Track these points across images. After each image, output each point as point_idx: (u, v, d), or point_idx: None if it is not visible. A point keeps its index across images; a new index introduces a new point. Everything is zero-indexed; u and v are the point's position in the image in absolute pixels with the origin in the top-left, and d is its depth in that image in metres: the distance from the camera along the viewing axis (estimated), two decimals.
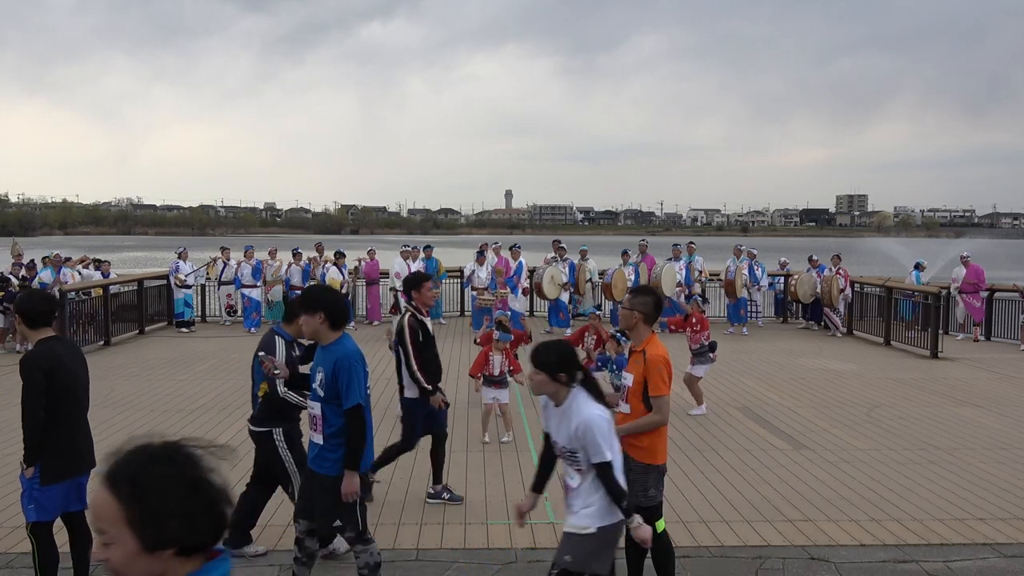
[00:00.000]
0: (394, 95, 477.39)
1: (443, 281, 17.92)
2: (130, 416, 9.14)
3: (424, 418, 6.36)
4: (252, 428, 5.38)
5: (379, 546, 5.49)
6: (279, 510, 5.96)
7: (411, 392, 6.27)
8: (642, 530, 3.70)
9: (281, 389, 5.12)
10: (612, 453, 3.67)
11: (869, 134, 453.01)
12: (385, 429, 8.67)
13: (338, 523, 4.40)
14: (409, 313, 6.29)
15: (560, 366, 3.76)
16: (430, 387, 6.23)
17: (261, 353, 5.00)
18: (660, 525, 4.54)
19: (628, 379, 4.56)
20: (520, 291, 15.97)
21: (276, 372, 4.73)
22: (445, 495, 6.35)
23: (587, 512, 3.71)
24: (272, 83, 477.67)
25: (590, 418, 3.66)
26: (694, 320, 9.57)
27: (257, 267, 16.64)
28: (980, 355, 14.04)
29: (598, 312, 9.78)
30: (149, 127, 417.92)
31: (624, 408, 4.58)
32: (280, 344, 5.27)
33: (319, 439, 4.33)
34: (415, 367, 6.17)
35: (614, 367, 8.20)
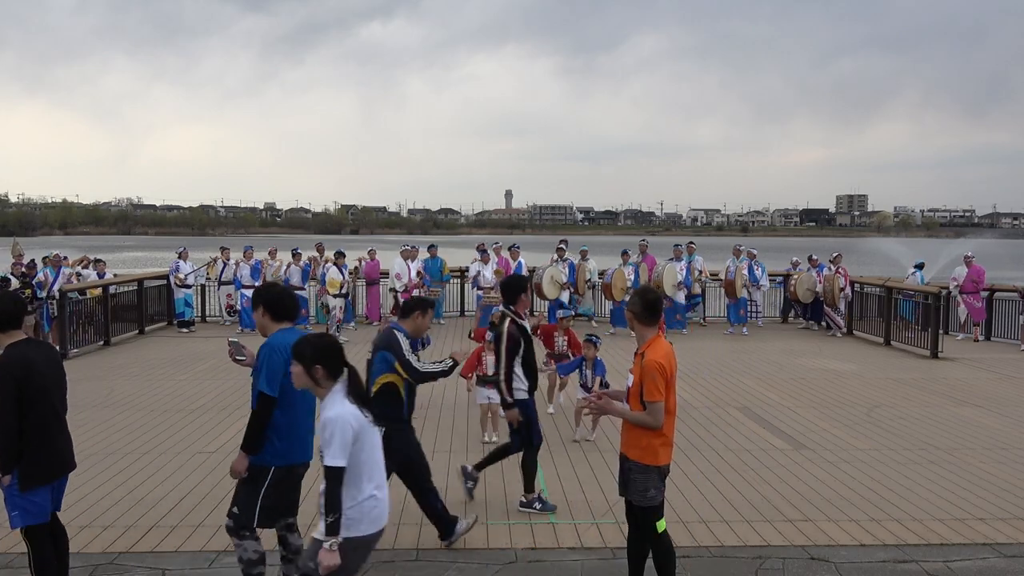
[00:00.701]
0: (394, 95, 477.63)
1: (447, 282, 17.92)
2: (130, 416, 9.14)
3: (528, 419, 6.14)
4: None
5: (379, 546, 5.50)
6: None
7: (520, 394, 6.07)
8: (327, 556, 3.46)
9: (413, 360, 5.29)
10: (348, 462, 3.49)
11: (869, 134, 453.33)
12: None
13: (235, 510, 4.43)
14: (508, 319, 6.05)
15: (317, 359, 3.64)
16: (512, 400, 6.02)
17: (231, 338, 5.00)
18: (661, 525, 4.54)
19: (629, 379, 4.57)
20: None
21: (241, 359, 4.72)
22: (537, 504, 6.16)
23: None
24: (272, 83, 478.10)
25: (335, 416, 3.50)
26: None
27: (256, 267, 16.63)
28: (980, 355, 14.04)
29: (571, 313, 9.68)
30: (149, 127, 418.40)
31: (625, 407, 4.58)
32: (403, 339, 5.37)
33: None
34: (504, 376, 5.97)
35: (594, 372, 8.19)
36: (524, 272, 16.37)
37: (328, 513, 3.48)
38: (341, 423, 3.50)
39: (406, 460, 5.40)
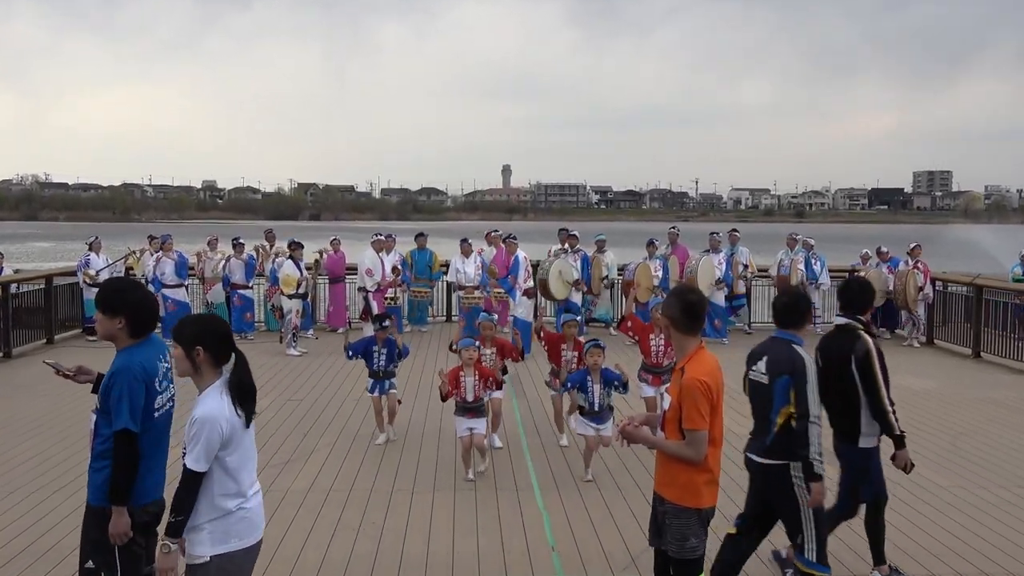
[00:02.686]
0: (365, 47, 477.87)
1: (437, 280, 17.85)
2: (39, 444, 9.16)
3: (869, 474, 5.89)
4: (759, 460, 5.38)
5: None
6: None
7: (867, 441, 5.83)
8: (162, 559, 3.73)
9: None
10: (215, 467, 3.76)
11: (954, 96, 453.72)
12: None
13: (90, 564, 4.45)
14: (862, 329, 5.83)
15: (198, 339, 3.81)
16: (901, 433, 5.76)
17: (47, 360, 4.87)
18: None
19: (666, 401, 4.58)
20: (519, 293, 15.25)
21: (68, 374, 4.70)
22: None
23: (197, 539, 3.76)
24: (213, 32, 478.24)
25: (206, 416, 3.73)
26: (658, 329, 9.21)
27: (182, 261, 16.63)
28: None
29: (576, 318, 9.56)
30: (60, 88, 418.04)
31: (660, 436, 4.60)
32: (804, 355, 5.30)
33: (89, 454, 4.52)
34: (887, 405, 5.68)
35: (616, 384, 8.12)
36: (523, 270, 15.84)
37: (173, 513, 3.76)
38: (211, 425, 3.71)
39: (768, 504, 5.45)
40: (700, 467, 4.45)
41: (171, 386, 4.52)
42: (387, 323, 9.45)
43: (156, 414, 4.39)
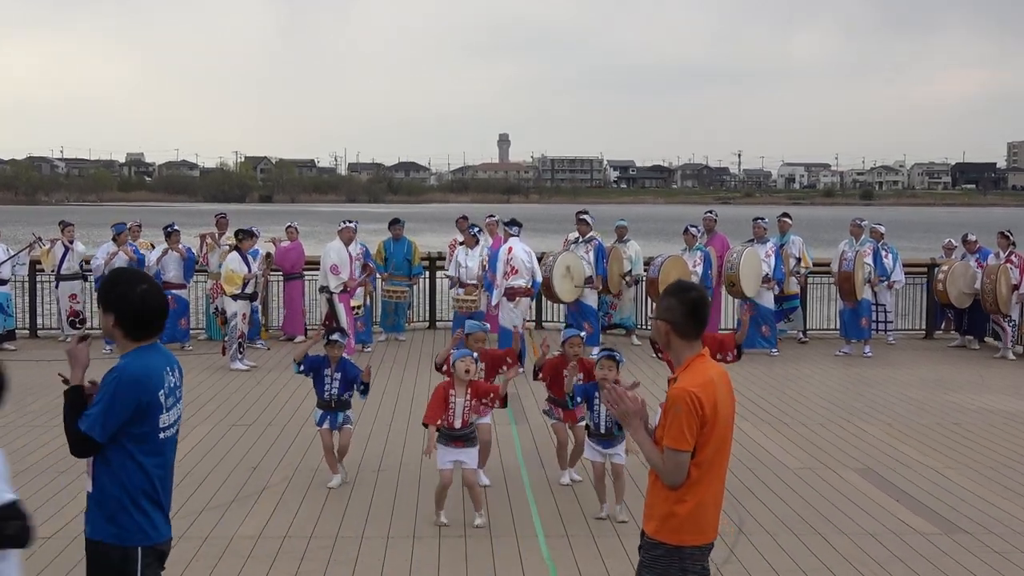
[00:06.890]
0: None
1: (417, 276, 17.76)
2: None
3: None
4: None
5: None
6: None
7: None
8: None
9: None
10: None
11: None
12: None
13: None
14: None
15: None
16: None
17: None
18: None
19: (658, 416, 4.63)
20: (497, 292, 14.82)
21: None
22: None
23: None
24: None
25: None
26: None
27: (140, 259, 16.60)
28: None
29: (580, 334, 9.50)
30: None
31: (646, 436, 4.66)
32: None
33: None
34: None
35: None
36: (503, 261, 15.23)
37: None
38: None
39: None
40: (683, 497, 4.46)
41: (179, 405, 4.62)
42: (335, 337, 9.15)
43: (162, 435, 4.46)
